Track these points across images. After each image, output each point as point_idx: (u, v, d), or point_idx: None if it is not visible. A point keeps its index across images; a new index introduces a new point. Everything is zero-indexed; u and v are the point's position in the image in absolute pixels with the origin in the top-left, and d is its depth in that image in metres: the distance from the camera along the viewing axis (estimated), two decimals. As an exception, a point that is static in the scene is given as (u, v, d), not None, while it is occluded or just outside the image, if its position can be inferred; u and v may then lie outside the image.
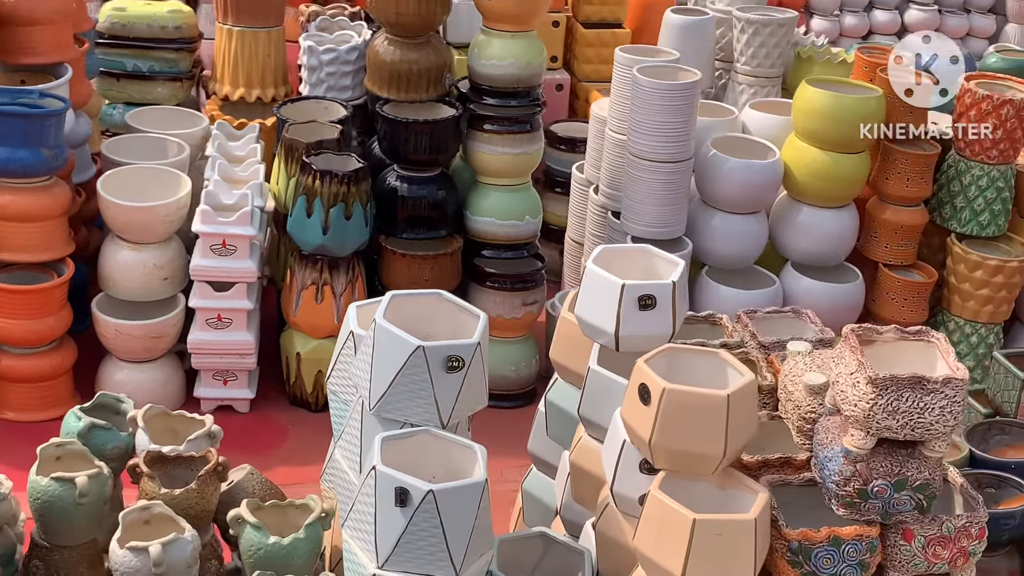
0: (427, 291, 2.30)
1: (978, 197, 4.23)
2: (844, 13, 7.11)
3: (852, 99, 4.09)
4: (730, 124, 4.37)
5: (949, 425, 2.12)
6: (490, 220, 3.91)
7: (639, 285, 2.42)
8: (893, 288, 4.29)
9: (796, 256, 4.27)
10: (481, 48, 3.84)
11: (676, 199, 4.02)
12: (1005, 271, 4.18)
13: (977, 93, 4.15)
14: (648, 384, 2.14)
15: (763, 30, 4.65)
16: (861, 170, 4.18)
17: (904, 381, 2.09)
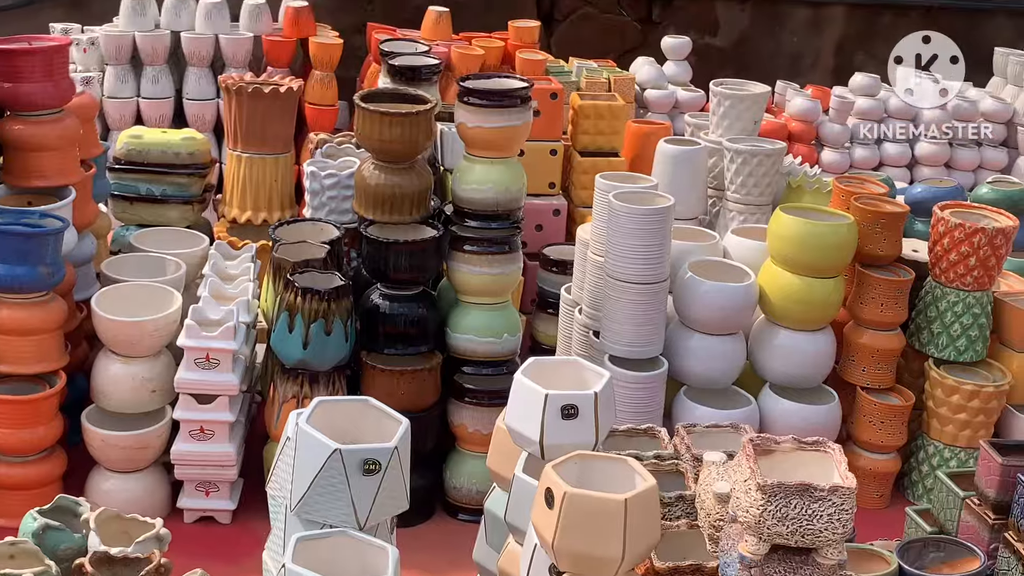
0: (354, 398, 2.44)
1: (954, 323, 4.31)
2: (855, 145, 7.27)
3: (823, 226, 4.22)
4: (711, 248, 4.51)
5: (838, 532, 2.19)
6: (469, 337, 4.06)
7: (562, 395, 2.54)
8: (871, 411, 4.35)
9: (774, 378, 4.35)
10: (463, 173, 4.05)
11: (652, 320, 4.15)
12: (981, 396, 4.22)
13: (950, 222, 4.27)
14: (552, 488, 2.25)
15: (751, 160, 4.82)
16: (835, 294, 4.28)
17: (792, 488, 2.18)
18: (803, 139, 7.16)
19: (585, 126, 5.35)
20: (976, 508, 3.01)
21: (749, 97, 5.10)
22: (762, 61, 8.52)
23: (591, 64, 7.05)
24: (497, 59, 6.71)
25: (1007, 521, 2.92)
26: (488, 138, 3.97)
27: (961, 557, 2.94)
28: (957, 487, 3.14)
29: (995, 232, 4.22)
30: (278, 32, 6.65)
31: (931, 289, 4.38)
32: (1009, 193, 5.20)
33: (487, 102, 3.96)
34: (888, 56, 8.56)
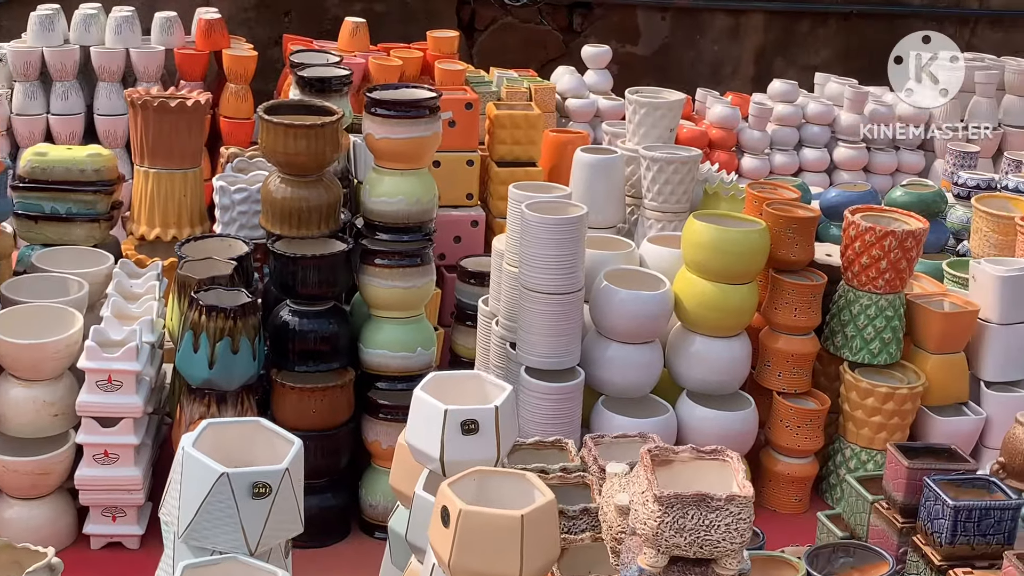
0: (245, 419, 2.37)
1: (868, 326, 4.33)
2: (774, 151, 7.31)
3: (736, 232, 4.22)
4: (626, 257, 4.49)
5: (736, 542, 2.16)
6: (382, 352, 4.00)
7: (461, 410, 2.50)
8: (787, 416, 4.35)
9: (691, 385, 4.34)
10: (372, 185, 3.99)
11: (568, 330, 4.12)
12: (896, 398, 4.24)
13: (861, 225, 4.29)
14: (447, 506, 2.20)
15: (667, 167, 4.81)
16: (749, 300, 4.28)
17: (689, 499, 2.15)
18: (723, 146, 7.19)
19: (501, 136, 5.31)
20: (885, 512, 3.01)
21: (664, 105, 5.10)
22: (683, 69, 8.56)
23: (511, 74, 7.02)
24: (416, 70, 6.66)
25: (915, 525, 2.92)
26: (397, 149, 3.92)
27: (871, 562, 2.94)
28: (867, 491, 3.14)
29: (905, 235, 4.25)
30: (191, 45, 6.54)
31: (844, 293, 4.40)
32: (922, 196, 5.25)
33: (394, 112, 3.90)
34: (807, 62, 8.67)
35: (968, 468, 2.95)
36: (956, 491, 2.85)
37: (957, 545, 2.74)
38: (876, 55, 8.61)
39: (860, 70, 8.40)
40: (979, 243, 4.89)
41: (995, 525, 2.74)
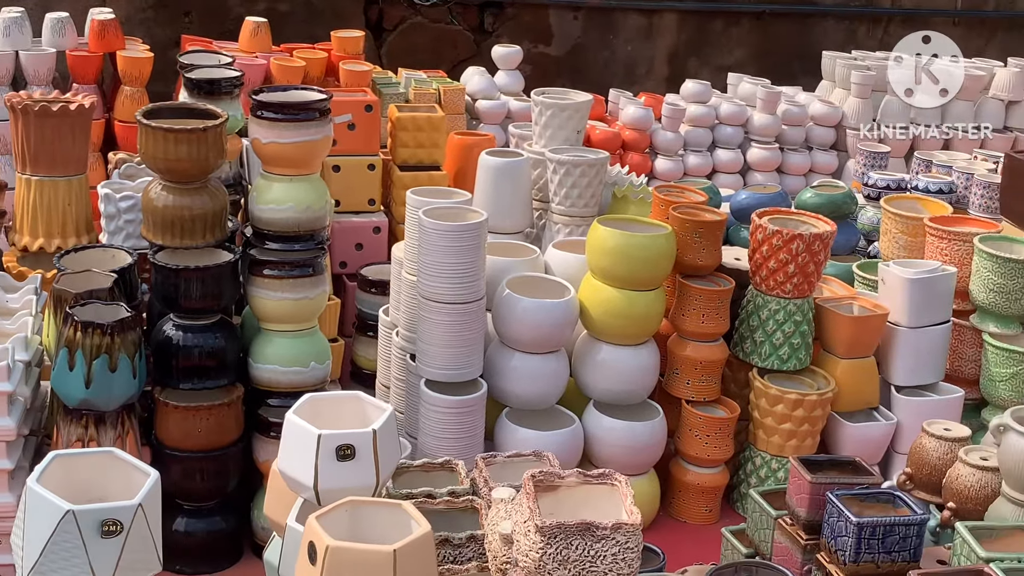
0: (98, 449, 2.19)
1: (776, 331, 4.24)
2: (688, 153, 7.23)
3: (641, 237, 4.11)
4: (531, 263, 4.36)
5: (624, 573, 2.03)
6: (273, 367, 3.81)
7: (336, 435, 2.33)
8: (695, 425, 4.25)
9: (597, 395, 4.22)
10: (260, 192, 3.81)
11: (469, 340, 3.98)
12: (805, 405, 4.16)
13: (768, 229, 4.19)
14: (314, 541, 2.04)
15: (574, 171, 4.69)
16: (656, 307, 4.17)
17: (572, 528, 2.01)
18: (637, 147, 7.10)
19: (404, 139, 5.15)
20: (788, 528, 2.91)
21: (571, 106, 4.98)
22: (597, 69, 8.46)
23: (420, 75, 6.86)
24: (320, 71, 6.48)
25: (819, 542, 2.81)
26: (284, 154, 3.74)
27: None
28: (770, 506, 3.03)
29: (812, 238, 4.17)
30: (84, 47, 6.28)
31: (752, 298, 4.31)
32: (832, 197, 5.18)
33: (281, 116, 3.72)
34: (721, 62, 8.62)
35: (872, 482, 2.85)
36: (860, 506, 2.75)
37: (861, 563, 2.64)
38: (789, 54, 8.62)
39: (773, 70, 8.39)
40: (889, 245, 4.84)
41: (900, 542, 2.64)
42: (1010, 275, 4.23)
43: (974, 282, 4.35)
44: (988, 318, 4.36)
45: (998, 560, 2.56)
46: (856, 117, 7.37)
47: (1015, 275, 4.23)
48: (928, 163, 5.72)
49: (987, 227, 4.59)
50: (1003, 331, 4.32)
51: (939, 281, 4.37)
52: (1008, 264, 4.23)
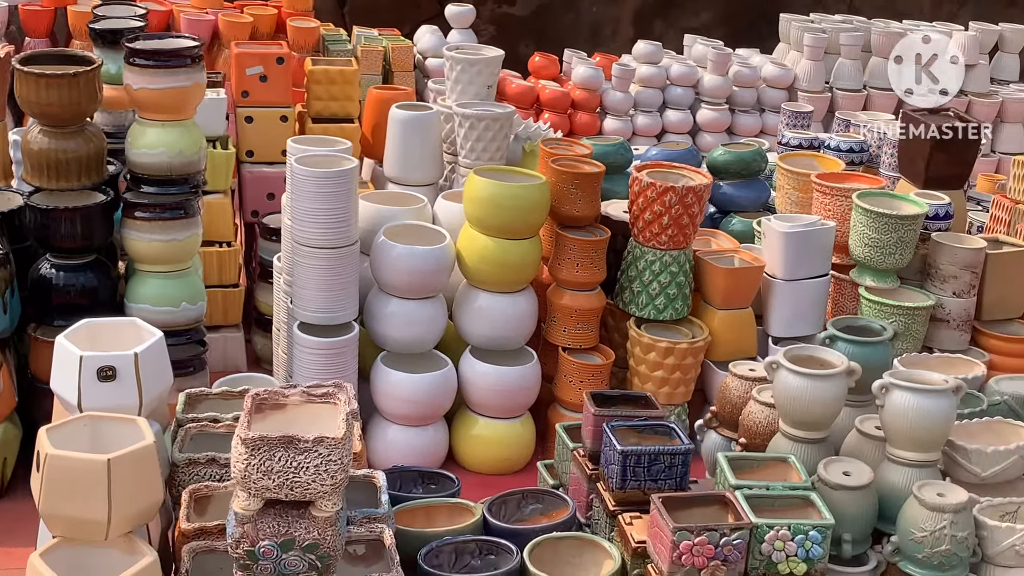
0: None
1: (652, 282, 4.34)
2: (638, 113, 7.30)
3: (514, 187, 4.22)
4: (416, 212, 4.48)
5: (327, 484, 2.17)
6: (145, 307, 3.97)
7: (98, 356, 2.48)
8: (571, 371, 4.36)
9: (475, 341, 4.35)
10: (135, 137, 3.96)
11: (342, 284, 4.11)
12: (676, 353, 4.26)
13: (643, 181, 4.28)
14: (39, 450, 2.19)
15: (478, 124, 4.78)
16: (530, 256, 4.28)
17: (275, 441, 2.15)
18: (586, 107, 7.18)
19: (317, 92, 5.27)
20: (580, 459, 3.03)
21: (481, 61, 5.07)
22: (561, 30, 8.52)
23: (371, 33, 6.98)
24: (269, 27, 6.61)
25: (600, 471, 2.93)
26: (155, 100, 3.89)
27: (557, 508, 2.95)
28: (570, 439, 3.15)
29: (685, 191, 4.25)
30: (36, 2, 6.46)
31: (632, 249, 4.40)
32: (741, 155, 5.24)
33: (152, 62, 3.87)
34: (687, 24, 8.63)
35: (655, 415, 2.96)
36: (638, 437, 2.86)
37: (628, 490, 2.75)
38: (755, 17, 8.62)
39: (740, 32, 8.40)
40: (782, 201, 4.90)
41: (666, 470, 2.75)
42: (884, 230, 4.29)
43: (852, 237, 4.41)
44: (865, 272, 4.42)
45: (746, 487, 2.67)
46: (808, 79, 7.39)
47: (889, 230, 4.29)
48: (847, 123, 5.75)
49: (873, 184, 4.65)
50: (879, 285, 4.39)
51: (816, 235, 4.44)
52: (882, 219, 4.28)
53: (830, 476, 2.74)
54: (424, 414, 4.21)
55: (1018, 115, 7.39)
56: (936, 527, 2.62)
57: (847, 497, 2.72)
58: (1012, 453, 2.81)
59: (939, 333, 4.40)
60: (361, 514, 2.44)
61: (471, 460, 4.34)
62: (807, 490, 2.68)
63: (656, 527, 2.55)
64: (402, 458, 4.21)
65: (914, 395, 2.76)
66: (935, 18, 8.61)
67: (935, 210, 4.52)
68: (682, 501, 2.62)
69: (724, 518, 2.58)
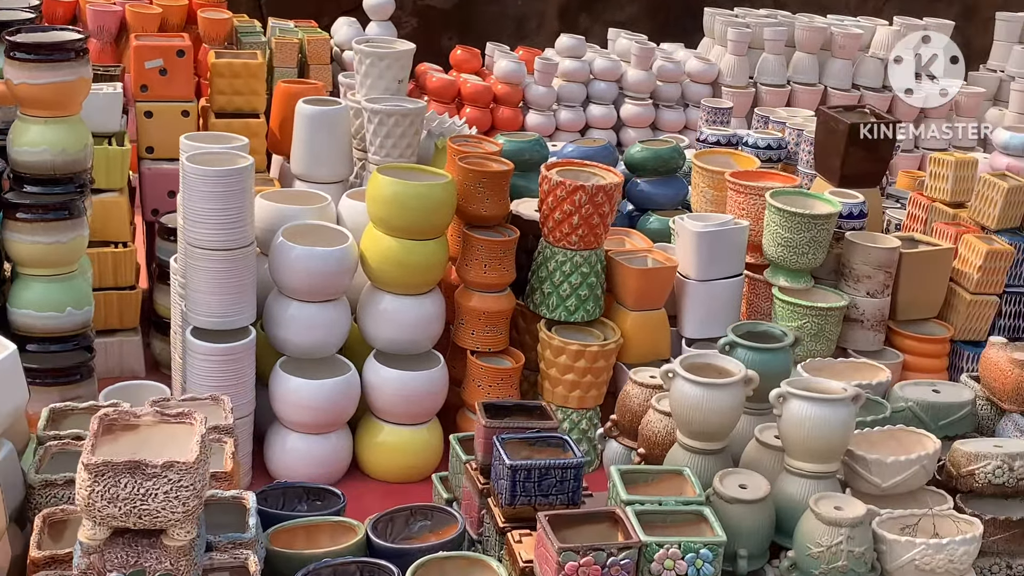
0: None
1: (563, 283, 4.22)
2: (561, 108, 7.19)
3: (418, 186, 4.08)
4: (319, 212, 4.33)
5: (178, 511, 2.02)
6: (28, 312, 3.79)
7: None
8: (479, 375, 4.24)
9: (380, 344, 4.20)
10: (16, 135, 3.77)
11: (237, 288, 3.95)
12: (587, 356, 4.15)
13: (552, 180, 4.16)
14: None
15: (388, 120, 4.64)
16: (436, 257, 4.14)
17: (121, 466, 2.00)
18: (509, 102, 7.05)
19: (220, 85, 5.09)
20: (472, 473, 2.90)
21: (391, 55, 4.92)
22: (486, 24, 8.39)
23: (287, 24, 6.80)
24: (180, 18, 6.40)
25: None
26: (37, 95, 3.70)
27: (447, 525, 2.83)
28: (463, 451, 3.02)
29: (595, 189, 4.13)
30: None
31: (542, 249, 4.29)
32: (658, 151, 5.15)
33: (34, 56, 3.68)
34: (612, 17, 8.54)
35: (548, 426, 2.84)
36: (530, 450, 2.74)
37: (518, 506, 2.63)
38: (681, 11, 8.54)
39: (665, 27, 8.32)
40: (698, 199, 4.82)
41: (557, 485, 2.63)
42: (797, 229, 4.22)
43: (765, 236, 4.33)
44: (779, 272, 4.35)
45: (638, 503, 2.56)
46: (732, 75, 7.33)
47: (802, 229, 4.21)
48: (766, 119, 5.68)
49: (787, 182, 4.57)
50: (793, 285, 4.31)
51: (729, 234, 4.35)
52: (794, 218, 4.21)
53: (725, 489, 2.64)
54: (326, 421, 4.06)
55: (942, 110, 7.37)
56: (832, 542, 2.53)
57: (743, 511, 2.62)
58: (913, 463, 2.73)
59: (853, 334, 4.33)
60: (226, 539, 2.30)
61: (376, 468, 4.19)
62: (700, 505, 2.58)
63: (542, 547, 2.43)
64: (303, 467, 4.06)
65: (811, 404, 2.66)
66: (860, 13, 8.59)
67: (849, 209, 4.45)
68: (570, 519, 2.51)
69: (613, 536, 2.47)
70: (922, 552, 2.57)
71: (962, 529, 2.65)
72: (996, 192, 4.55)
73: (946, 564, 2.58)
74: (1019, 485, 2.85)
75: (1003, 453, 2.84)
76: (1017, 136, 5.93)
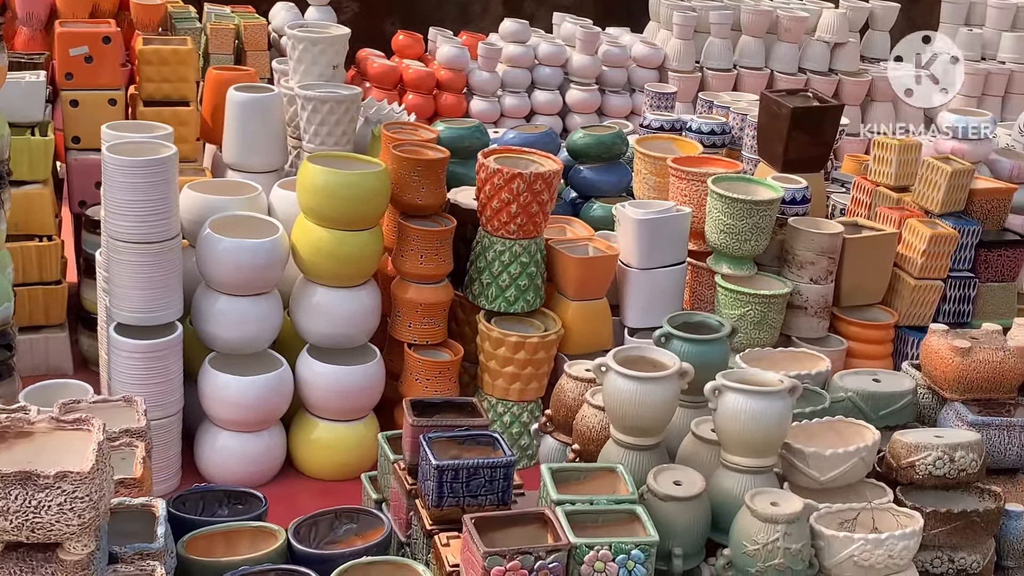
0: None
1: (502, 273, 4.13)
2: (505, 93, 7.07)
3: (349, 175, 3.96)
4: (251, 202, 4.20)
5: (74, 524, 1.90)
6: (-58, 309, 3.64)
7: None
8: (416, 368, 4.13)
9: (314, 339, 4.09)
10: (-71, 126, 3.61)
11: (162, 282, 3.82)
12: (527, 347, 4.06)
13: (490, 168, 4.06)
14: None
15: (322, 107, 4.50)
16: (370, 248, 4.03)
17: (11, 477, 1.87)
18: (452, 88, 6.92)
19: (149, 73, 4.93)
20: (400, 473, 2.80)
21: (324, 40, 4.79)
22: (429, 8, 8.25)
23: (223, 10, 6.63)
24: (112, 4, 6.20)
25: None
26: (-53, 83, 3.54)
27: (373, 528, 2.72)
28: (391, 450, 2.91)
29: (534, 177, 4.04)
30: None
31: (480, 238, 4.19)
32: (601, 137, 5.05)
33: (-62, 44, 3.52)
34: (558, 2, 8.42)
35: (477, 424, 2.74)
36: (459, 449, 2.64)
37: (446, 507, 2.53)
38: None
39: (611, 11, 8.22)
40: (640, 185, 4.73)
41: (486, 484, 2.54)
42: (739, 216, 4.14)
43: (707, 223, 4.25)
44: (722, 259, 4.27)
45: (568, 502, 2.47)
46: (678, 59, 7.25)
47: (744, 215, 4.13)
48: (711, 104, 5.61)
49: (729, 168, 4.50)
50: (736, 272, 4.23)
51: (671, 222, 4.27)
52: (736, 204, 4.13)
53: (659, 486, 2.56)
54: (257, 419, 3.94)
55: (888, 94, 7.33)
56: (769, 539, 2.45)
57: (677, 508, 2.54)
58: (852, 455, 2.66)
59: (797, 320, 4.27)
60: (132, 550, 2.18)
61: (311, 467, 4.08)
62: (633, 504, 2.49)
63: (468, 551, 2.33)
64: (235, 466, 3.94)
65: (746, 397, 2.58)
66: (812, -5, 8.51)
67: (792, 194, 4.39)
68: (498, 521, 2.41)
69: (543, 538, 2.37)
70: (860, 547, 2.50)
71: (902, 523, 2.58)
72: (940, 176, 4.50)
73: (885, 559, 2.51)
74: (960, 477, 2.79)
75: (944, 444, 2.78)
76: (963, 119, 5.90)
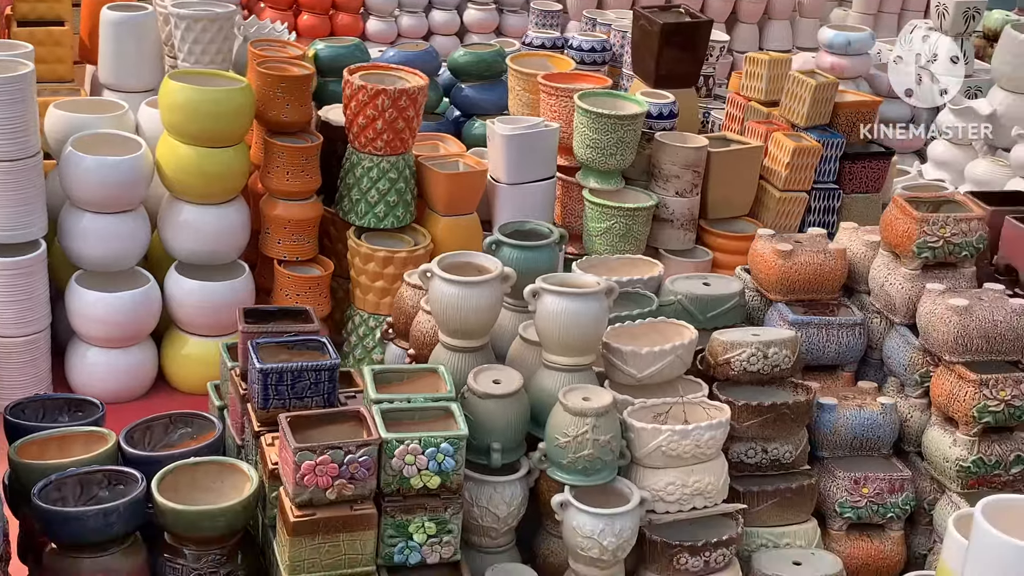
0: None
1: (371, 189, 4.17)
2: (403, 13, 7.06)
3: (212, 91, 3.97)
4: (117, 120, 4.20)
5: None
6: None
7: None
8: (287, 284, 4.19)
9: (182, 256, 4.13)
10: None
11: (23, 199, 3.85)
12: (395, 262, 4.11)
13: (354, 84, 4.08)
14: None
15: (195, 25, 4.48)
16: (236, 165, 4.06)
17: None
18: (348, 8, 6.91)
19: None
20: (235, 379, 2.87)
21: (199, -44, 4.75)
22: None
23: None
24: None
25: (252, 392, 2.77)
26: None
27: (206, 431, 2.80)
28: (230, 358, 2.97)
29: (398, 93, 4.06)
30: None
31: (349, 155, 4.22)
32: (481, 55, 5.08)
33: None
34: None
35: (307, 329, 2.81)
36: (288, 354, 2.71)
37: (272, 409, 2.61)
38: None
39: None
40: (515, 103, 4.76)
41: (312, 387, 2.61)
42: (604, 130, 4.19)
43: (575, 138, 4.30)
44: (590, 174, 4.33)
45: (387, 400, 2.56)
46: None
47: (609, 130, 4.19)
48: (594, 22, 5.64)
49: (598, 83, 4.55)
50: (603, 186, 4.30)
51: (539, 137, 4.32)
52: (601, 119, 4.18)
53: (478, 385, 2.64)
54: (124, 335, 3.99)
55: (785, 11, 7.40)
56: (579, 432, 2.55)
57: (495, 405, 2.63)
58: (668, 353, 2.76)
59: (663, 233, 4.36)
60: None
61: (182, 381, 4.14)
62: (449, 401, 2.58)
63: (283, 448, 2.41)
64: (106, 382, 3.99)
65: (563, 299, 2.67)
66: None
67: (659, 109, 4.45)
68: (315, 419, 2.49)
69: (357, 435, 2.46)
70: (668, 438, 2.61)
71: (711, 415, 2.69)
72: (804, 89, 4.58)
73: (693, 449, 2.63)
74: (774, 372, 2.90)
75: (759, 341, 2.89)
76: (841, 34, 6.01)
